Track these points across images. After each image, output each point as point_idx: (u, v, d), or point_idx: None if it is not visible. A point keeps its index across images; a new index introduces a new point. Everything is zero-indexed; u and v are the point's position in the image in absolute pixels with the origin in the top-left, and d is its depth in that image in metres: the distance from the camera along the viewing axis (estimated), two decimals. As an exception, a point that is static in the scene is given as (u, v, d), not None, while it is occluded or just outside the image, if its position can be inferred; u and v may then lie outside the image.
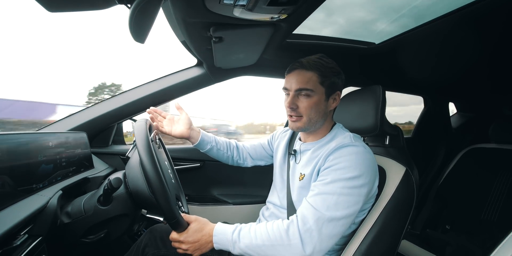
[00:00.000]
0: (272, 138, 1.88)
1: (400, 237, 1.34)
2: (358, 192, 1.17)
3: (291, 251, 1.11)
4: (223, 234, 1.21)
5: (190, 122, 1.71)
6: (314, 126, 1.41)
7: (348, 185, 1.16)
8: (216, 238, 1.21)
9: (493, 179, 2.61)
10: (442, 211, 2.77)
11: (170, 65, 3.30)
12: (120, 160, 2.17)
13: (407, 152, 1.55)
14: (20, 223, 0.98)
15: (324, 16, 1.53)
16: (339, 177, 1.17)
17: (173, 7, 1.10)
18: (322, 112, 1.38)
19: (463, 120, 3.85)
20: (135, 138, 1.21)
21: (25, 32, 31.67)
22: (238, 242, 1.17)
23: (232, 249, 1.18)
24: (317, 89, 1.33)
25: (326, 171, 1.23)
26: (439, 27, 1.56)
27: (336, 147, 1.28)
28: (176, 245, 1.26)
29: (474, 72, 2.49)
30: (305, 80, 1.33)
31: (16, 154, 1.14)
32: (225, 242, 1.19)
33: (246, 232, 1.20)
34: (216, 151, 1.84)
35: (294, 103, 1.36)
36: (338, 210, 1.12)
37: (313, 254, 1.10)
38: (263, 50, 1.62)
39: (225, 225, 1.25)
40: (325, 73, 1.34)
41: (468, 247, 2.29)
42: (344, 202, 1.14)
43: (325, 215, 1.11)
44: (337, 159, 1.23)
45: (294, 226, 1.13)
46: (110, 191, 1.25)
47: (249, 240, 1.16)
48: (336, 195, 1.14)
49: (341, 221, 1.13)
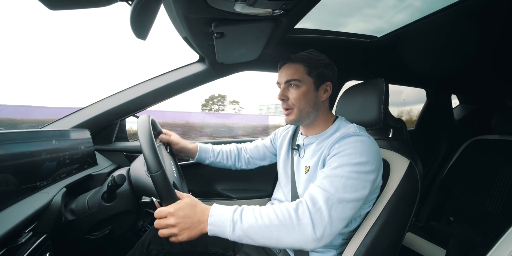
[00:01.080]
0: (274, 136, 1.90)
1: (404, 229, 1.35)
2: (365, 177, 1.16)
3: (300, 232, 1.05)
4: (221, 214, 1.09)
5: (179, 141, 1.82)
6: (308, 118, 1.44)
7: (355, 169, 1.15)
8: (212, 218, 1.08)
9: (496, 170, 2.62)
10: (446, 203, 2.78)
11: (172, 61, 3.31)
12: (123, 156, 2.17)
13: (411, 145, 1.55)
14: (25, 220, 0.99)
15: (326, 10, 1.52)
16: (346, 162, 1.17)
17: (174, 3, 1.09)
18: (312, 102, 1.42)
19: (466, 112, 3.85)
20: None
21: (24, 31, 31.83)
22: (239, 222, 1.06)
23: (231, 231, 1.05)
24: (304, 80, 1.39)
25: (333, 158, 1.23)
26: (440, 20, 1.55)
27: (340, 136, 1.29)
28: (162, 221, 1.07)
29: (476, 64, 2.48)
30: (293, 72, 1.40)
31: (19, 152, 1.14)
32: (223, 224, 1.06)
33: (250, 212, 1.10)
34: (216, 163, 1.91)
35: (284, 95, 1.43)
36: (346, 193, 1.11)
37: (323, 238, 1.05)
38: (265, 45, 1.62)
39: (222, 206, 1.14)
40: (311, 64, 1.39)
41: (472, 238, 2.30)
42: (351, 185, 1.13)
43: (334, 196, 1.10)
44: (342, 147, 1.23)
45: (304, 206, 1.09)
46: (114, 187, 1.25)
47: (254, 220, 1.06)
48: (344, 178, 1.14)
49: (350, 204, 1.12)
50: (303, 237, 1.05)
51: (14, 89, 17.37)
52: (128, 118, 2.22)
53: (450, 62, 2.47)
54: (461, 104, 3.96)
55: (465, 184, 2.75)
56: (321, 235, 1.05)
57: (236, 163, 1.94)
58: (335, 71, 1.48)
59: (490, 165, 2.67)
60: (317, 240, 1.05)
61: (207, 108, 11.34)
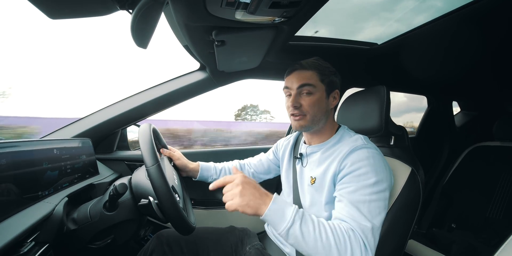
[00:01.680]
0: (276, 148, 1.89)
1: (407, 237, 1.34)
2: (384, 196, 1.17)
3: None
4: (283, 205, 1.09)
5: (180, 157, 1.83)
6: (318, 124, 1.42)
7: (374, 190, 1.15)
8: (274, 206, 1.07)
9: (497, 177, 2.61)
10: (448, 210, 2.77)
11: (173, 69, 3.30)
12: (125, 165, 2.17)
13: (412, 152, 1.54)
14: (27, 230, 0.98)
15: (326, 17, 1.53)
16: (364, 184, 1.17)
17: (175, 12, 1.10)
18: (324, 109, 1.41)
19: (467, 119, 3.85)
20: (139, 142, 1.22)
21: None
22: (299, 223, 1.05)
23: (288, 226, 1.04)
24: (318, 86, 1.38)
25: (347, 178, 1.22)
26: (441, 26, 1.56)
27: (350, 150, 1.28)
28: (229, 188, 1.12)
29: (477, 71, 2.49)
30: (307, 77, 1.39)
31: (21, 161, 1.14)
32: (282, 215, 1.06)
33: (309, 219, 1.09)
34: None
35: (297, 102, 1.39)
36: (374, 218, 1.12)
37: None
38: (266, 52, 1.62)
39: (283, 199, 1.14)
40: (323, 71, 1.40)
41: (474, 245, 2.29)
42: (375, 208, 1.13)
43: (367, 227, 1.10)
44: (355, 165, 1.22)
45: (357, 236, 1.08)
46: (115, 196, 1.25)
47: (312, 229, 1.06)
48: (367, 202, 1.13)
49: (379, 229, 1.13)
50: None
51: (13, 99, 17.26)
52: (129, 127, 2.22)
53: (451, 69, 2.47)
54: (462, 111, 3.97)
55: (466, 191, 2.74)
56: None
57: None
58: (340, 79, 1.49)
59: (491, 172, 2.66)
60: None
61: (241, 118, 11.55)
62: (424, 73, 2.59)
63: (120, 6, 0.95)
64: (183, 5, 1.03)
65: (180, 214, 1.15)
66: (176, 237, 1.58)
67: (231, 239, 1.66)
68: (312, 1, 1.05)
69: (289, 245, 1.46)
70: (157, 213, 1.21)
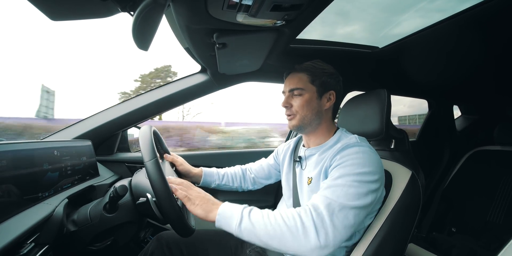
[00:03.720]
0: (276, 153, 1.89)
1: (407, 241, 1.34)
2: (367, 186, 1.14)
3: (305, 237, 1.03)
4: (231, 208, 1.13)
5: (183, 163, 1.80)
6: (310, 125, 1.44)
7: (357, 179, 1.14)
8: (222, 209, 1.13)
9: (498, 181, 2.61)
10: (448, 214, 2.77)
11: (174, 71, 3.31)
12: (125, 167, 2.17)
13: (413, 156, 1.54)
14: (27, 231, 0.98)
15: (327, 20, 1.53)
16: (348, 172, 1.16)
17: (176, 14, 1.10)
18: (315, 109, 1.43)
19: (468, 123, 3.86)
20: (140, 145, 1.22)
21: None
22: (247, 217, 1.08)
23: (237, 223, 1.07)
24: (307, 88, 1.42)
25: (335, 169, 1.22)
26: (442, 30, 1.56)
27: (342, 147, 1.29)
28: (183, 191, 1.20)
29: (479, 75, 2.49)
30: (296, 81, 1.44)
31: (21, 163, 1.14)
32: (231, 216, 1.10)
33: (258, 210, 1.13)
34: (222, 186, 1.88)
35: (287, 102, 1.45)
36: (349, 200, 1.10)
37: (327, 246, 1.02)
38: (267, 55, 1.62)
39: (233, 204, 1.18)
40: (314, 73, 1.42)
41: (474, 249, 2.29)
42: (353, 193, 1.11)
43: (335, 202, 1.09)
44: (344, 157, 1.23)
45: (307, 211, 1.08)
46: (116, 198, 1.25)
47: (261, 217, 1.08)
48: (346, 186, 1.12)
49: (352, 210, 1.09)
50: (307, 243, 1.02)
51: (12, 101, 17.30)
52: (130, 129, 2.22)
53: (452, 73, 2.48)
54: (463, 115, 3.97)
55: (467, 195, 2.74)
56: (325, 242, 1.03)
57: (242, 185, 1.92)
58: (339, 80, 1.49)
59: (492, 176, 2.67)
60: (320, 248, 1.03)
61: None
62: (425, 77, 2.60)
63: (121, 8, 0.96)
64: (184, 8, 1.03)
65: (176, 210, 1.14)
66: (176, 239, 1.58)
67: (231, 242, 1.66)
68: (313, 5, 1.05)
69: None
70: (155, 212, 1.21)
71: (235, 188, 1.92)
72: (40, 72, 25.25)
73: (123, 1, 0.93)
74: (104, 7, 0.95)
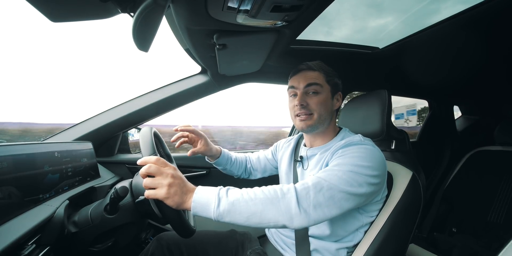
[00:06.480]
0: (275, 148, 1.89)
1: (407, 241, 1.34)
2: (364, 177, 1.12)
3: (285, 205, 1.02)
4: (207, 192, 1.04)
5: (205, 139, 1.69)
6: (323, 125, 1.42)
7: (354, 169, 1.13)
8: (197, 196, 1.03)
9: (498, 181, 2.62)
10: (448, 214, 2.78)
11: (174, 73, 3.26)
12: (126, 169, 2.17)
13: (414, 156, 1.54)
14: (28, 233, 0.98)
15: (327, 21, 1.53)
16: (347, 162, 1.16)
17: (176, 15, 1.10)
18: (329, 110, 1.42)
19: (468, 123, 3.86)
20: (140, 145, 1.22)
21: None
22: (225, 197, 1.03)
23: (215, 206, 1.00)
24: (324, 86, 1.40)
25: (335, 160, 1.22)
26: (442, 31, 1.56)
27: (345, 143, 1.29)
28: (156, 180, 1.03)
29: (479, 75, 2.49)
30: (314, 76, 1.40)
31: (22, 164, 1.15)
32: (207, 201, 1.02)
33: (236, 189, 1.08)
34: (227, 170, 1.86)
35: (304, 100, 1.40)
36: (340, 184, 1.08)
37: (307, 216, 1.03)
38: (267, 56, 1.62)
39: (208, 187, 1.09)
40: (329, 73, 1.42)
41: (475, 249, 2.30)
42: (347, 179, 1.10)
43: (325, 181, 1.08)
44: (346, 151, 1.22)
45: (291, 185, 1.08)
46: (116, 200, 1.25)
47: (240, 195, 1.04)
48: (341, 172, 1.12)
49: (341, 193, 1.08)
50: (287, 209, 1.02)
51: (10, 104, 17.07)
52: (130, 130, 2.22)
53: (453, 73, 2.48)
54: (464, 115, 3.97)
55: (467, 195, 2.75)
56: (305, 213, 1.02)
57: (243, 173, 1.91)
58: (342, 83, 1.51)
59: (492, 176, 2.67)
60: (301, 217, 1.02)
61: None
62: (426, 77, 2.59)
63: (121, 9, 0.96)
64: (184, 9, 1.03)
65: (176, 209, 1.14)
66: (176, 240, 1.58)
67: (232, 243, 1.65)
68: (313, 5, 1.05)
69: (289, 250, 1.45)
70: (154, 210, 1.21)
71: (235, 175, 1.91)
72: (40, 73, 25.08)
73: (123, 2, 0.93)
74: (104, 8, 0.95)
